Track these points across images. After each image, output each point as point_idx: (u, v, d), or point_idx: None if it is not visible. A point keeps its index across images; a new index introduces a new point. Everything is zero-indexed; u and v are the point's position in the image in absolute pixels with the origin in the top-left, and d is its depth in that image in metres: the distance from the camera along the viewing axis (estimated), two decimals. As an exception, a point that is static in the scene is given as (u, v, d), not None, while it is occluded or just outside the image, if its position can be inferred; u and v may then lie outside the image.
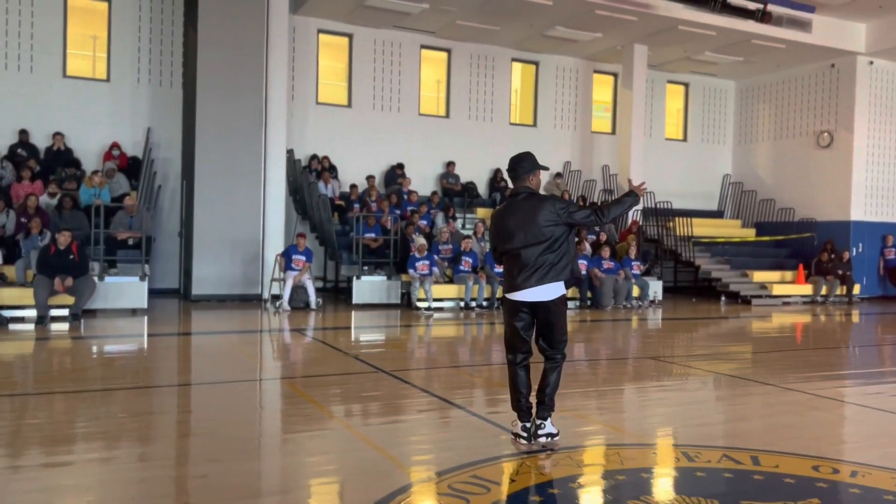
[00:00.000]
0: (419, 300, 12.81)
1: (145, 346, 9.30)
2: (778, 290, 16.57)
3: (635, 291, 14.58)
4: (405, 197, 15.78)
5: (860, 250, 18.03)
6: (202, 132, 13.61)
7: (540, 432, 4.62)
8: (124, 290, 11.67)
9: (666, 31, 16.39)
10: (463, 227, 15.76)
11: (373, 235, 13.73)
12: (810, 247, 18.18)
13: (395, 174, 16.73)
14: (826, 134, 18.46)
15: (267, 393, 6.57)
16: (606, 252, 14.36)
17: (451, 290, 13.29)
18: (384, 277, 13.40)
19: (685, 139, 20.75)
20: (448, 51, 17.79)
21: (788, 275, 17.36)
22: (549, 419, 4.67)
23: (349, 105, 16.92)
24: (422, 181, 17.00)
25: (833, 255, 17.15)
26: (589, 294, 14.00)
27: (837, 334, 12.29)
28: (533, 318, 4.67)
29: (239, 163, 13.83)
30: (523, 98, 18.96)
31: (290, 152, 15.28)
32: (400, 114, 17.25)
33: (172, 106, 15.20)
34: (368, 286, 13.25)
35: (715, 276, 16.98)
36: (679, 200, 18.86)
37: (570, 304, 14.04)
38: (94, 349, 8.94)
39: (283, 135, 14.37)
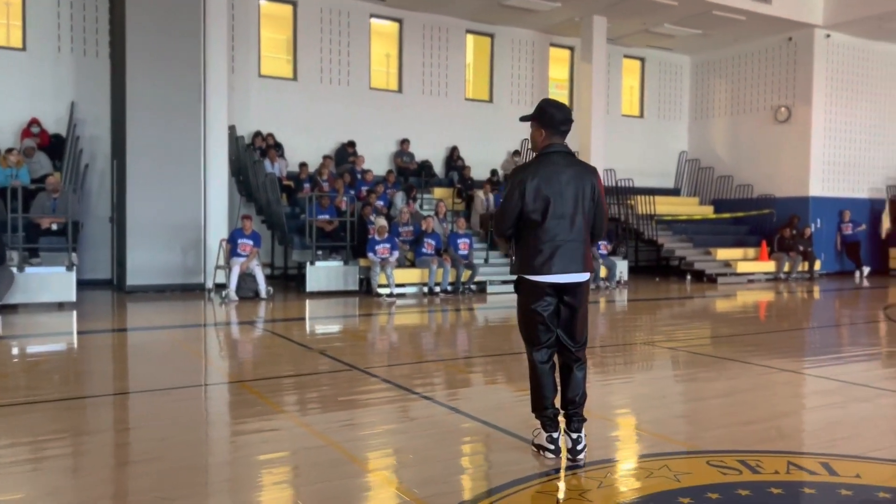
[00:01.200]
0: (380, 286, 11.87)
1: (75, 345, 8.12)
2: (742, 267, 16.24)
3: (602, 272, 13.98)
4: (359, 176, 14.76)
5: (818, 226, 17.88)
6: (134, 107, 12.30)
7: (579, 447, 3.82)
8: (49, 281, 10.37)
9: (627, 1, 15.72)
10: (421, 208, 14.83)
11: (327, 217, 12.69)
12: (769, 223, 17.94)
13: (347, 152, 15.68)
14: (784, 109, 18.20)
15: (223, 401, 5.58)
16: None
17: (413, 275, 12.39)
18: (340, 263, 12.40)
19: (642, 115, 20.26)
20: (399, 21, 16.76)
21: (751, 252, 17.07)
22: (583, 430, 3.88)
23: (294, 78, 15.75)
24: (374, 160, 15.98)
25: (795, 232, 16.93)
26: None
27: (822, 312, 11.91)
28: (558, 303, 3.87)
29: (176, 140, 12.57)
30: (478, 72, 18.09)
31: (231, 129, 14.07)
32: (349, 87, 16.17)
33: (99, 78, 13.77)
34: (324, 272, 12.23)
35: (679, 255, 16.55)
36: (636, 178, 18.38)
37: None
38: (15, 351, 7.72)
39: (223, 110, 13.16)
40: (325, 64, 15.94)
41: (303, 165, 14.15)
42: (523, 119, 4.11)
